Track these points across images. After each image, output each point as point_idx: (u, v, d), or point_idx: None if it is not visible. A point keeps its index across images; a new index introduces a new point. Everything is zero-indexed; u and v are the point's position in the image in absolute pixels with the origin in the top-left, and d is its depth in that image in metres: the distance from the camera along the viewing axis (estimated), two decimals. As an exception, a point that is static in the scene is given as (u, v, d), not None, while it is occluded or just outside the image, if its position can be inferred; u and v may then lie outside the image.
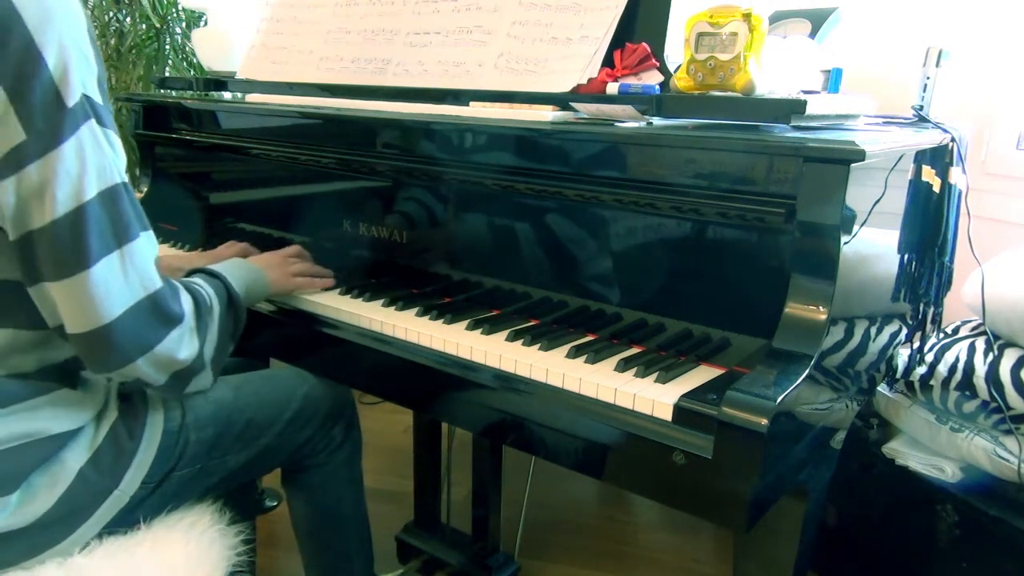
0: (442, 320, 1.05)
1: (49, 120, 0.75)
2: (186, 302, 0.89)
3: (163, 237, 1.54)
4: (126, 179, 0.82)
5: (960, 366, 1.37)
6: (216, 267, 1.03)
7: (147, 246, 0.84)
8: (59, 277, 0.79)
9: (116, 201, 0.80)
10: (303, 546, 1.27)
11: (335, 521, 1.24)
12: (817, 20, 1.32)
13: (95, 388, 0.93)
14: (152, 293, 0.83)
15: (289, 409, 1.11)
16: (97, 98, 0.80)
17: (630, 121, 0.98)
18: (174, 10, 2.31)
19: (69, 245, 0.78)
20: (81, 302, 0.79)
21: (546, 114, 1.02)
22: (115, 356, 0.83)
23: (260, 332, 1.22)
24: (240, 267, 1.08)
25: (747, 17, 0.88)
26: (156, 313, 0.84)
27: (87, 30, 0.80)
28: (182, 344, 0.88)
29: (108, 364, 0.84)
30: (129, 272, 0.81)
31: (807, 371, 0.77)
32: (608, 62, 1.03)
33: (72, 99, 0.76)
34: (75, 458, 0.88)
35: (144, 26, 2.29)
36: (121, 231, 0.81)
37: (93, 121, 0.78)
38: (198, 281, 0.97)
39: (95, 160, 0.78)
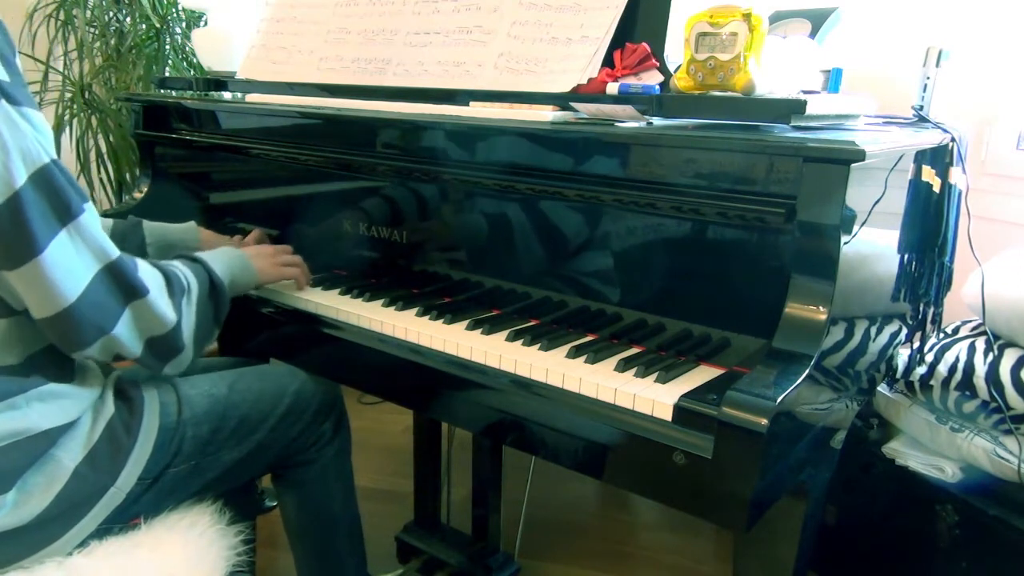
0: (442, 320, 1.05)
1: None
2: (150, 274, 0.89)
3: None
4: (54, 155, 0.79)
5: (960, 366, 1.37)
6: (199, 254, 1.03)
7: (92, 218, 0.82)
8: (13, 266, 0.78)
9: (50, 181, 0.78)
10: (295, 545, 1.26)
11: (325, 519, 1.24)
12: (817, 20, 1.32)
13: (87, 383, 0.93)
14: (109, 263, 0.83)
15: (281, 405, 1.11)
16: (2, 76, 0.76)
17: (630, 121, 0.98)
18: (174, 10, 2.31)
19: (13, 235, 0.76)
20: (41, 287, 0.79)
21: (546, 114, 1.02)
22: (86, 333, 0.83)
23: (260, 332, 1.22)
24: (225, 254, 1.08)
25: (747, 17, 0.88)
26: (117, 281, 0.84)
27: None
28: (152, 310, 0.87)
29: (81, 342, 0.84)
30: (81, 248, 0.81)
31: (807, 371, 0.77)
32: (608, 62, 1.03)
33: None
34: (70, 456, 0.88)
35: (144, 26, 2.29)
36: (63, 209, 0.79)
37: (3, 102, 0.75)
38: (176, 264, 0.97)
39: (16, 143, 0.75)
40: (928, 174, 1.10)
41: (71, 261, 0.80)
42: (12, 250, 0.77)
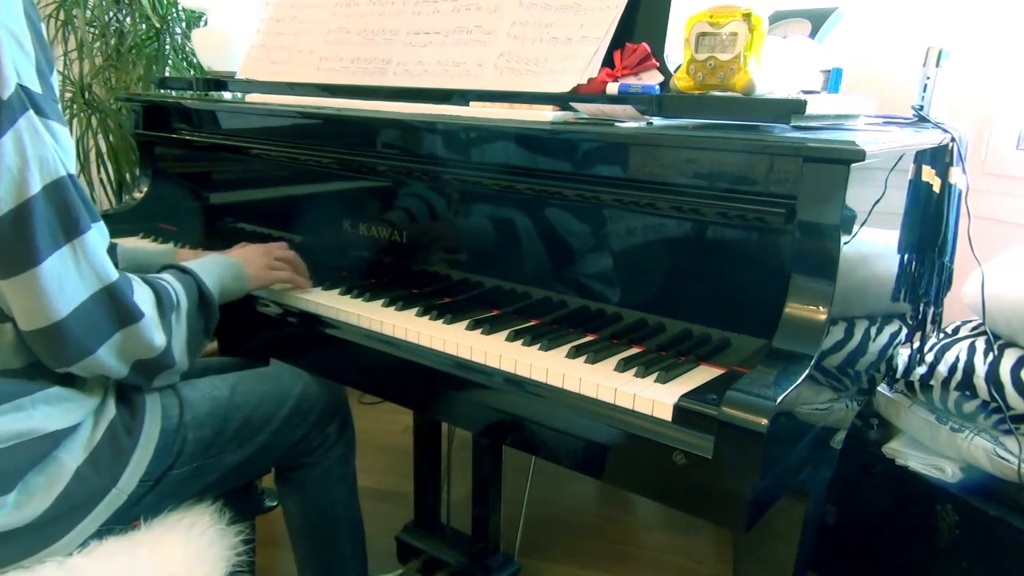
0: (442, 320, 1.05)
1: None
2: (145, 296, 0.88)
3: (163, 237, 1.54)
4: (72, 171, 0.80)
5: (960, 366, 1.37)
6: (189, 263, 1.03)
7: (99, 238, 0.82)
8: (8, 275, 0.77)
9: (62, 194, 0.78)
10: (297, 546, 1.26)
11: (328, 521, 1.24)
12: (817, 20, 1.32)
13: (90, 386, 0.93)
14: (108, 284, 0.83)
15: (285, 407, 1.11)
16: (35, 87, 0.77)
17: (630, 121, 0.98)
18: (174, 10, 2.31)
19: (14, 243, 0.76)
20: (33, 299, 0.78)
21: (546, 114, 1.02)
22: (71, 351, 0.82)
23: (260, 332, 1.22)
24: (215, 262, 1.08)
25: (747, 17, 0.88)
26: (113, 305, 0.84)
27: (22, 13, 0.76)
28: (143, 335, 0.87)
29: (65, 359, 0.83)
30: (82, 265, 0.80)
31: (807, 371, 0.77)
32: (608, 62, 1.02)
33: (6, 90, 0.74)
34: (72, 457, 0.88)
35: (144, 26, 2.29)
36: (70, 224, 0.79)
37: (31, 112, 0.76)
38: (166, 277, 0.97)
39: (36, 153, 0.76)
40: (928, 174, 1.10)
41: (68, 277, 0.79)
42: (11, 258, 0.77)
